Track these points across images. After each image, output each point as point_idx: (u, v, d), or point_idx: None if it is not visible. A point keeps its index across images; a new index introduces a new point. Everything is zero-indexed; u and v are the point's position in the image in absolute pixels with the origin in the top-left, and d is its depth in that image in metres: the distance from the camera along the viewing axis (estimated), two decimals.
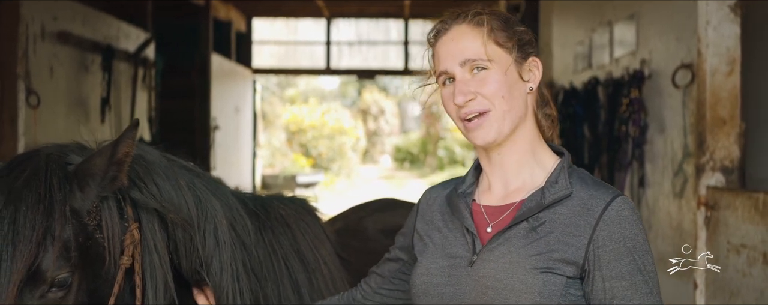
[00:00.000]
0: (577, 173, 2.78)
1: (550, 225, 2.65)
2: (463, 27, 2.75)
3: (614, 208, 2.62)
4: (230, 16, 19.49)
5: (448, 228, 2.86)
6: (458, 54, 2.73)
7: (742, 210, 5.95)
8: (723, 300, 6.19)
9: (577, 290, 2.62)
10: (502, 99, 2.70)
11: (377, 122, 43.94)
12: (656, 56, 7.73)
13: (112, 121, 11.04)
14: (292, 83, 42.83)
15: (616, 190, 2.69)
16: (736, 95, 6.65)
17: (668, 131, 7.42)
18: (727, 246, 6.15)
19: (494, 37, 2.72)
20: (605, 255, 2.59)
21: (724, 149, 6.64)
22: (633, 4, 8.39)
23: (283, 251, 3.50)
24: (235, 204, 3.32)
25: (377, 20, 22.29)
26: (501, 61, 2.71)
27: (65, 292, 2.68)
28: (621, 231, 2.60)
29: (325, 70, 22.29)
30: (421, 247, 2.91)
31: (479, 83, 2.70)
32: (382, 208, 4.98)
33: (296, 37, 22.76)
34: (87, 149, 2.97)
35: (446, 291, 2.73)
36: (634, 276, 2.60)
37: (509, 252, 2.65)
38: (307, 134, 37.19)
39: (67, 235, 2.68)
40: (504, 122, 2.72)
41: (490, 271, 2.65)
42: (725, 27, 6.62)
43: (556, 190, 2.69)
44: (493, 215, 2.78)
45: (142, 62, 12.31)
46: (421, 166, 41.11)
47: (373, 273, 3.23)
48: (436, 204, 2.98)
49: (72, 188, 2.75)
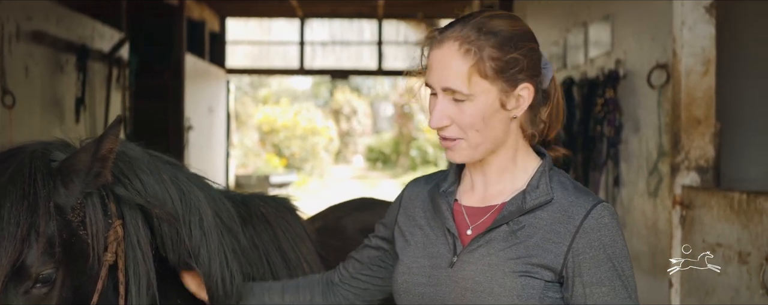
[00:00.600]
0: (558, 177, 2.77)
1: (530, 230, 2.66)
2: (453, 49, 2.65)
3: (594, 216, 2.63)
4: (204, 16, 19.46)
5: (430, 227, 2.86)
6: (442, 79, 2.66)
7: (718, 209, 6.00)
8: (698, 298, 6.24)
9: (556, 293, 2.64)
10: (476, 132, 2.66)
11: (350, 122, 43.92)
12: (631, 57, 7.78)
13: (87, 121, 11.01)
14: (265, 83, 42.75)
15: (597, 197, 2.71)
16: (711, 95, 6.70)
17: (643, 131, 7.46)
18: (703, 245, 6.20)
19: (480, 68, 2.62)
20: (585, 262, 2.61)
21: (699, 148, 6.69)
22: (608, 5, 8.42)
23: (264, 247, 3.51)
24: (219, 195, 3.34)
25: (351, 20, 22.30)
26: (482, 94, 2.64)
27: (49, 288, 2.69)
28: (600, 239, 2.62)
29: (299, 70, 22.27)
30: (403, 244, 2.91)
31: (457, 111, 2.66)
32: (360, 207, 5.00)
33: (270, 37, 22.73)
34: (71, 146, 2.98)
35: (427, 291, 2.75)
36: (613, 282, 2.62)
37: (489, 254, 2.66)
38: (280, 134, 37.16)
39: (52, 231, 2.69)
40: (475, 151, 2.70)
41: (470, 273, 2.67)
42: (700, 27, 6.67)
43: (537, 195, 2.69)
44: (473, 217, 2.78)
45: (117, 62, 12.28)
46: (394, 166, 41.11)
47: (351, 258, 3.23)
48: (418, 200, 2.97)
49: (56, 185, 2.75)
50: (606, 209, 2.65)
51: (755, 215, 5.46)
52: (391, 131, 43.43)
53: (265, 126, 37.37)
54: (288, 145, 36.96)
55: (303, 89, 46.87)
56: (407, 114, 40.24)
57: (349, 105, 43.77)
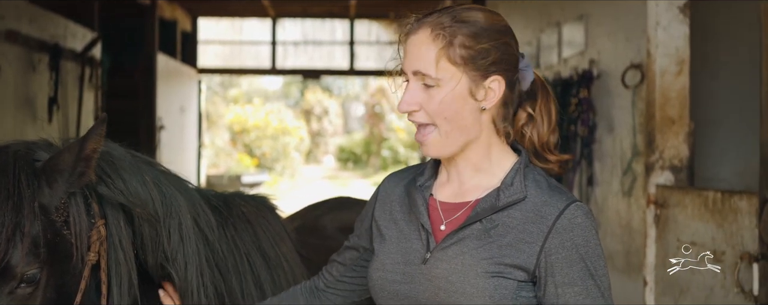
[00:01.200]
0: (533, 175, 2.75)
1: (503, 229, 2.64)
2: (425, 35, 2.65)
3: (567, 216, 2.61)
4: (176, 15, 19.42)
5: (405, 222, 2.84)
6: (412, 63, 2.67)
7: (692, 208, 6.04)
8: (672, 297, 6.28)
9: (529, 292, 2.63)
10: (445, 120, 2.66)
11: (320, 123, 43.92)
12: (605, 57, 7.81)
13: (60, 121, 10.97)
14: (235, 83, 42.70)
15: (571, 196, 2.69)
16: (685, 95, 6.75)
17: (617, 131, 7.50)
18: (677, 244, 6.24)
19: (450, 54, 2.62)
20: (558, 262, 2.60)
21: (673, 148, 6.73)
22: (582, 5, 8.46)
23: (245, 247, 3.50)
24: (199, 200, 3.33)
25: (323, 20, 22.30)
26: (451, 81, 2.63)
27: (34, 288, 2.68)
28: (573, 239, 2.60)
29: (271, 70, 22.26)
30: (379, 239, 2.90)
31: (426, 98, 2.66)
32: (338, 206, 5.01)
33: (241, 36, 22.70)
34: (54, 145, 2.97)
35: (401, 288, 2.73)
36: (585, 282, 2.61)
37: (462, 253, 2.65)
38: (251, 134, 37.12)
39: (36, 231, 2.68)
40: (446, 142, 2.69)
41: (443, 272, 2.65)
42: (675, 28, 6.72)
43: (511, 193, 2.67)
44: (447, 213, 2.77)
45: (89, 62, 12.24)
46: (365, 166, 41.15)
47: (334, 261, 3.21)
48: (395, 194, 2.95)
49: (40, 185, 2.74)
50: (579, 209, 2.64)
51: (730, 214, 5.50)
52: (362, 131, 43.46)
53: (236, 126, 37.33)
54: (259, 145, 36.93)
55: (274, 89, 46.83)
56: (378, 114, 40.28)
57: (320, 105, 43.77)
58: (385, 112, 39.89)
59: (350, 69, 22.10)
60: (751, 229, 5.23)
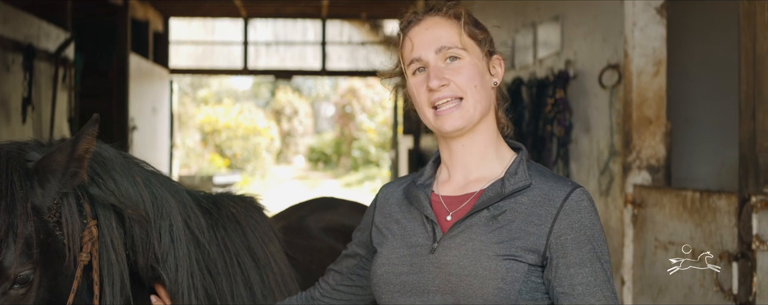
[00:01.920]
0: (535, 166, 2.84)
1: (511, 214, 2.70)
2: (437, 18, 2.82)
3: (574, 199, 2.69)
4: (148, 15, 19.36)
5: (407, 219, 2.89)
6: (433, 41, 2.79)
7: (670, 208, 6.08)
8: (651, 296, 6.31)
9: (538, 278, 2.67)
10: (475, 88, 2.77)
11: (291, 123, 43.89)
12: (581, 57, 7.84)
13: (34, 121, 10.92)
14: (205, 83, 42.60)
15: (575, 182, 2.76)
16: (662, 95, 6.80)
17: (594, 131, 7.53)
18: (655, 243, 6.28)
19: (468, 29, 2.79)
20: (568, 243, 2.66)
21: (650, 148, 6.78)
22: (558, 6, 8.49)
23: (235, 248, 3.50)
24: (189, 202, 3.32)
25: (294, 20, 22.30)
26: (474, 53, 2.79)
27: (27, 289, 2.67)
28: (580, 220, 2.67)
29: (243, 70, 22.25)
30: (380, 239, 2.93)
31: (453, 71, 2.76)
32: (322, 207, 5.02)
33: (213, 37, 22.70)
34: (45, 145, 2.94)
35: (409, 279, 2.76)
36: (593, 264, 2.67)
37: (471, 239, 2.69)
38: (222, 134, 37.05)
39: (29, 232, 2.66)
40: (475, 111, 2.77)
41: (453, 258, 2.69)
42: (651, 28, 6.76)
43: (516, 181, 2.75)
44: (452, 205, 2.82)
45: (63, 62, 12.19)
46: (335, 166, 41.17)
47: (331, 270, 3.23)
48: (393, 198, 3.00)
49: (33, 185, 2.73)
50: (584, 194, 2.72)
51: (709, 213, 5.54)
52: (332, 132, 43.46)
53: (207, 126, 37.24)
54: (230, 145, 36.87)
55: (243, 90, 46.78)
56: (349, 114, 40.27)
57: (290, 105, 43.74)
58: (356, 112, 39.89)
59: (322, 69, 22.11)
60: (730, 228, 5.27)
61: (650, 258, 6.36)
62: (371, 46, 22.60)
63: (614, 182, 7.07)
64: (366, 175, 35.75)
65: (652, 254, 6.32)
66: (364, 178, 35.26)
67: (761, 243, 4.83)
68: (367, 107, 39.55)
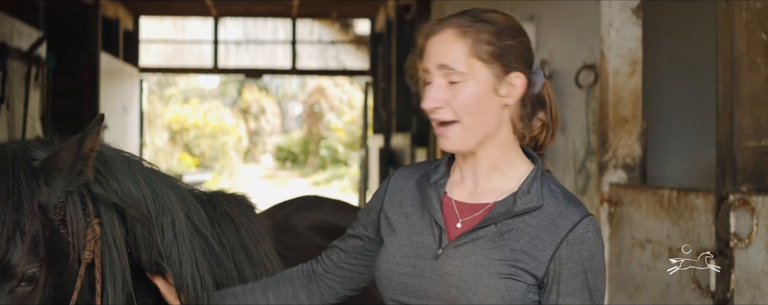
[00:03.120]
0: (548, 184, 2.80)
1: (517, 234, 2.71)
2: (450, 32, 2.74)
3: (579, 230, 2.69)
4: (118, 14, 19.30)
5: (417, 217, 2.89)
6: (438, 57, 2.74)
7: (647, 206, 6.15)
8: (627, 294, 6.38)
9: (535, 295, 2.71)
10: (470, 115, 2.73)
11: (258, 122, 43.82)
12: (557, 57, 7.89)
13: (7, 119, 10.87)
14: (172, 82, 42.47)
15: (584, 209, 2.76)
16: (637, 95, 6.88)
17: (569, 130, 7.58)
18: (631, 242, 6.35)
19: (477, 51, 2.71)
20: (564, 272, 2.68)
21: (626, 147, 6.86)
22: (532, 6, 8.53)
23: (230, 246, 3.53)
24: (189, 196, 3.37)
25: (265, 19, 22.28)
26: (477, 76, 2.73)
27: (33, 287, 2.70)
28: (580, 252, 2.68)
29: (213, 69, 22.18)
30: (389, 231, 2.95)
31: (452, 93, 2.73)
32: (307, 205, 5.04)
33: (184, 36, 22.65)
34: (49, 144, 2.98)
35: (410, 281, 2.79)
36: (582, 294, 2.70)
37: (475, 252, 2.71)
38: (190, 133, 36.96)
39: (36, 230, 2.70)
40: (468, 136, 2.76)
41: (455, 269, 2.71)
42: (627, 29, 6.85)
43: (528, 200, 2.73)
44: (463, 212, 2.82)
45: (36, 61, 12.13)
46: (303, 165, 41.13)
47: (334, 247, 3.23)
48: (406, 188, 3.00)
49: (39, 183, 2.76)
50: (591, 223, 2.72)
51: (686, 211, 5.62)
52: (299, 131, 43.42)
53: (175, 125, 37.14)
54: (198, 144, 36.78)
55: (210, 88, 46.65)
56: (317, 113, 40.24)
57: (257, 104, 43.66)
58: (324, 111, 39.88)
59: (293, 68, 22.10)
60: (707, 226, 5.35)
61: (627, 256, 6.43)
62: (341, 45, 22.63)
63: (591, 181, 7.14)
64: (334, 174, 35.76)
65: (629, 252, 6.40)
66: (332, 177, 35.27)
67: (739, 241, 4.91)
68: (336, 106, 39.54)
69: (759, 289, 4.77)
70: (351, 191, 29.35)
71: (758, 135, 5.04)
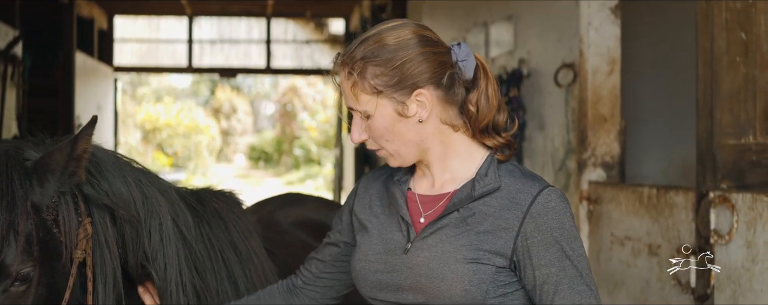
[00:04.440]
0: (507, 165, 2.83)
1: (480, 216, 2.74)
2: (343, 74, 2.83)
3: (541, 201, 2.70)
4: (93, 13, 19.25)
5: (385, 215, 2.95)
6: (346, 100, 2.84)
7: (626, 204, 6.20)
8: (607, 291, 6.43)
9: (506, 277, 2.73)
10: (387, 142, 2.82)
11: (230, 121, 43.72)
12: (535, 56, 7.94)
13: None
14: (145, 81, 42.34)
15: (543, 181, 2.78)
16: (616, 93, 6.94)
17: (548, 129, 7.63)
18: (611, 239, 6.40)
19: (366, 88, 2.76)
20: (534, 246, 2.70)
21: (605, 145, 6.91)
22: (510, 6, 8.58)
23: (219, 243, 3.54)
24: (177, 200, 3.37)
25: (239, 19, 22.27)
26: (377, 109, 2.79)
27: (27, 286, 2.73)
28: (547, 222, 2.70)
29: (187, 68, 22.16)
30: (361, 231, 3.00)
31: (367, 126, 2.82)
32: (290, 202, 5.07)
33: (158, 35, 22.59)
34: (41, 145, 3.01)
35: (384, 277, 2.84)
36: (562, 263, 2.70)
37: (441, 241, 2.75)
38: (163, 132, 36.86)
39: (29, 230, 2.72)
40: (401, 156, 2.85)
41: (423, 260, 2.76)
42: (606, 28, 6.90)
43: (486, 183, 2.77)
44: (427, 205, 2.87)
45: (12, 60, 12.11)
46: (276, 165, 41.04)
47: (313, 258, 3.25)
48: (374, 189, 3.06)
49: (32, 184, 2.79)
50: (552, 193, 2.73)
51: (665, 208, 5.67)
52: (272, 130, 43.33)
53: (148, 125, 37.03)
54: (171, 143, 36.69)
55: (183, 87, 46.52)
56: (290, 113, 40.16)
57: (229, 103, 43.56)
58: (297, 110, 39.82)
59: (267, 67, 22.10)
60: (687, 223, 5.40)
61: (606, 253, 6.48)
62: (316, 44, 22.63)
63: (570, 179, 7.19)
64: (307, 173, 35.69)
65: (608, 249, 6.45)
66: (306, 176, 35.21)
67: (719, 237, 4.96)
68: (309, 106, 39.50)
69: (739, 285, 4.82)
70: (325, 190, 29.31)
71: (737, 133, 5.11)
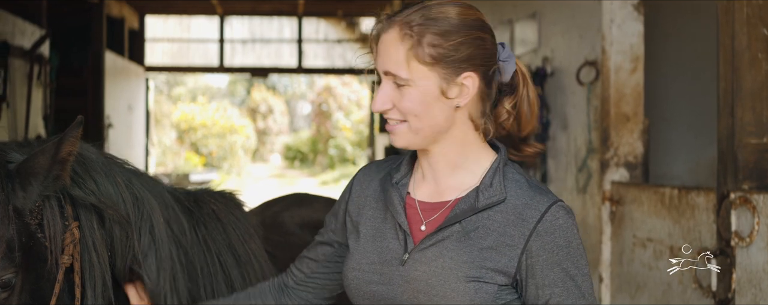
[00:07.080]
0: (513, 174, 2.70)
1: (483, 231, 2.61)
2: (394, 33, 2.61)
3: (548, 219, 2.59)
4: (123, 13, 19.29)
5: (381, 220, 2.79)
6: (383, 63, 2.63)
7: (649, 205, 6.09)
8: (629, 294, 6.32)
9: (509, 294, 2.61)
10: (416, 117, 2.62)
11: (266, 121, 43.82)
12: (559, 54, 7.85)
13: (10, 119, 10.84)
14: (180, 81, 42.50)
15: (552, 196, 2.65)
16: (639, 91, 6.82)
17: (571, 128, 7.54)
18: (633, 240, 6.29)
19: (419, 54, 2.58)
20: (538, 264, 2.58)
21: (628, 144, 6.79)
22: (534, 4, 8.50)
23: (216, 246, 3.45)
24: (171, 202, 3.27)
25: (271, 18, 22.26)
26: (421, 80, 2.61)
27: (9, 293, 2.64)
28: (554, 241, 2.58)
29: (219, 67, 22.19)
30: (354, 236, 2.85)
31: (398, 96, 2.62)
32: (297, 203, 4.96)
33: (189, 34, 22.61)
34: (26, 146, 2.90)
35: (378, 289, 2.70)
36: (566, 283, 2.60)
37: (441, 255, 2.61)
38: (198, 132, 36.96)
39: (11, 235, 2.62)
40: (416, 136, 2.66)
41: (422, 275, 2.62)
42: (629, 25, 6.78)
43: (490, 194, 2.63)
44: (427, 212, 2.72)
45: (38, 59, 12.11)
46: (312, 165, 41.10)
47: (304, 257, 3.10)
48: (370, 189, 2.90)
49: (14, 188, 2.69)
50: (561, 210, 2.61)
51: (687, 210, 5.55)
52: (308, 130, 43.43)
53: (183, 124, 37.14)
54: (206, 143, 36.78)
55: (219, 87, 46.69)
56: (325, 112, 40.19)
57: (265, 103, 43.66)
58: (332, 110, 39.84)
59: (298, 67, 22.10)
60: (708, 225, 5.28)
61: (628, 255, 6.37)
62: (347, 43, 22.57)
63: (592, 179, 7.08)
64: (342, 173, 35.68)
65: (631, 251, 6.33)
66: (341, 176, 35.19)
67: (740, 240, 4.83)
68: (344, 105, 39.51)
69: (760, 289, 4.69)
70: None
71: (759, 132, 4.96)
